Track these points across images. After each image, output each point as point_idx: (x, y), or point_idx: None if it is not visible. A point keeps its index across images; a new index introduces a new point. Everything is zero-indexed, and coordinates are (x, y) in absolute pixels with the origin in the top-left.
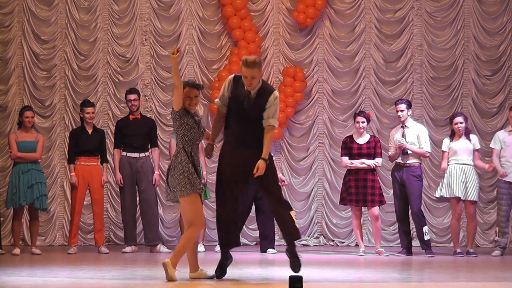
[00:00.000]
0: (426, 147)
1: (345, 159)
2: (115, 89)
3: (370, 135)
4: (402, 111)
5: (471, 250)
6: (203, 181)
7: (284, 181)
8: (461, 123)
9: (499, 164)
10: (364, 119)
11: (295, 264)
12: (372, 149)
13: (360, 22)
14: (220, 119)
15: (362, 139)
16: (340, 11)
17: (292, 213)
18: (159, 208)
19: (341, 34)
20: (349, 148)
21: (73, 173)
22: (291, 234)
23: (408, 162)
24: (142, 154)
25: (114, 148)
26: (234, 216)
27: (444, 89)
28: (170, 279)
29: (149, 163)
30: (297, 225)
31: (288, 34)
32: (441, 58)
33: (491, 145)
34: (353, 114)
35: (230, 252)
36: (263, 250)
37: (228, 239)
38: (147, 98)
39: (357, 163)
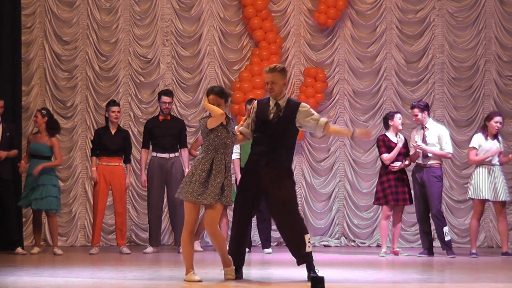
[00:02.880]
0: (448, 148)
1: (387, 156)
2: (136, 90)
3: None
4: (416, 115)
5: (510, 251)
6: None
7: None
8: (500, 123)
9: None
10: (401, 116)
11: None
12: (404, 149)
13: (381, 23)
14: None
15: (395, 138)
16: (361, 12)
17: (307, 237)
18: None
19: (362, 35)
20: (387, 146)
21: (94, 168)
22: (300, 258)
23: (428, 163)
24: (172, 155)
25: (142, 148)
26: (246, 235)
27: (465, 90)
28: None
29: (179, 163)
30: (308, 249)
31: (309, 35)
32: (462, 59)
33: None
34: (389, 113)
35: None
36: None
37: (239, 259)
38: None
39: (401, 164)
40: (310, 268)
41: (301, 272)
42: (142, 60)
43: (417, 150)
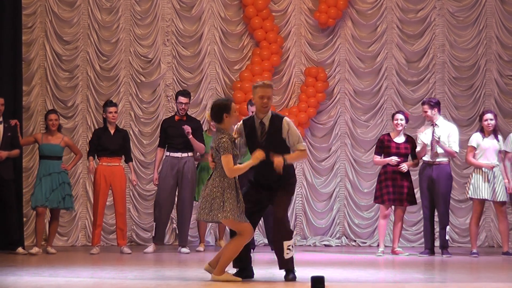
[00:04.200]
0: (455, 147)
1: (377, 159)
2: (137, 90)
3: (406, 135)
4: (425, 111)
5: (511, 251)
6: None
7: None
8: (491, 119)
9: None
10: (403, 117)
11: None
12: (410, 150)
13: (382, 22)
14: None
15: (400, 138)
16: (362, 11)
17: (286, 243)
18: None
19: (363, 34)
20: (386, 147)
21: (92, 162)
22: (281, 263)
23: (437, 160)
24: (184, 154)
25: (158, 147)
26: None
27: (466, 89)
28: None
29: (191, 163)
30: (287, 256)
31: (310, 35)
32: (463, 58)
33: (506, 148)
34: (392, 114)
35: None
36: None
37: (245, 264)
38: (169, 98)
39: (393, 160)
40: (289, 269)
41: (302, 272)
42: (142, 60)
43: (435, 145)
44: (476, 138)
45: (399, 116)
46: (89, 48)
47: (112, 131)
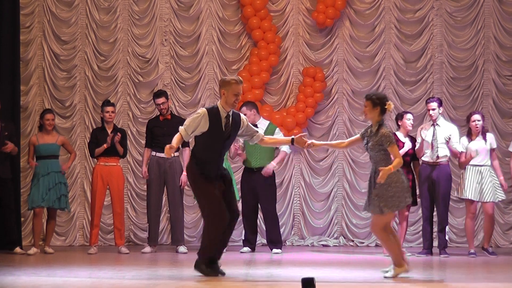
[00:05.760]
0: (458, 147)
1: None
2: (135, 90)
3: (409, 136)
4: (433, 109)
5: (490, 250)
6: None
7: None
8: (478, 120)
9: None
10: (412, 117)
11: None
12: (412, 150)
13: (380, 22)
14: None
15: (405, 139)
16: (360, 11)
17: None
18: None
19: (361, 34)
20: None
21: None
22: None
23: (437, 160)
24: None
25: (144, 147)
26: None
27: (464, 89)
28: None
29: (178, 163)
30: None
31: (308, 35)
32: (461, 58)
33: (510, 148)
34: (399, 113)
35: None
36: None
37: (220, 252)
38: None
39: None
40: None
41: (300, 272)
42: (140, 60)
43: (436, 146)
44: (463, 142)
45: (411, 116)
46: (87, 48)
47: (109, 131)
